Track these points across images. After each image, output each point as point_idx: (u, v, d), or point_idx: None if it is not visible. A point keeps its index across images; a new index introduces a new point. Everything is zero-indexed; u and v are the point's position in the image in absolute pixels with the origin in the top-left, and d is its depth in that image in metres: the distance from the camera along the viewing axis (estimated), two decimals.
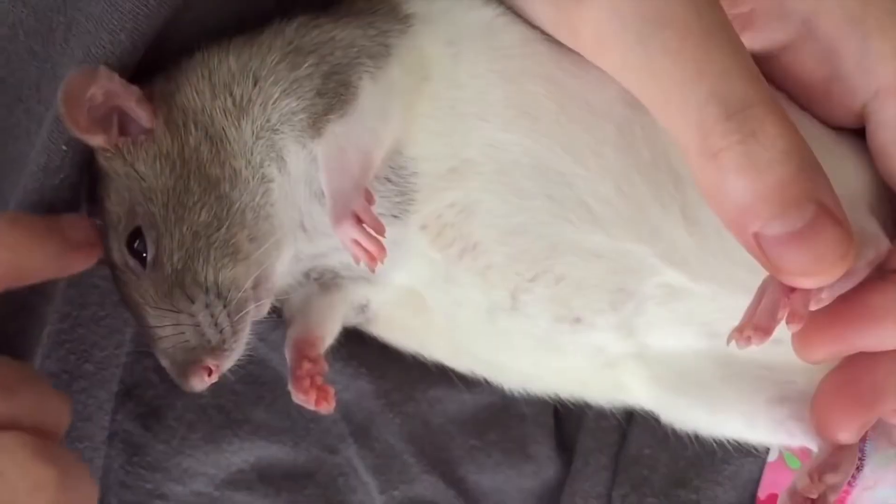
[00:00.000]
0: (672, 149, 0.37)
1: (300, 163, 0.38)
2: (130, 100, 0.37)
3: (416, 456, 0.47)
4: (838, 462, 0.38)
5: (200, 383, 0.37)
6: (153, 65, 0.39)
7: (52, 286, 0.39)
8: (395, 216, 0.39)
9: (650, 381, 0.41)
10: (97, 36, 0.36)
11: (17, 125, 0.40)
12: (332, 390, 0.39)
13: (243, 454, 0.46)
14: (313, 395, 0.38)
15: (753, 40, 0.38)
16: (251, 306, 0.38)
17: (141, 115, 0.37)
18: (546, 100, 0.38)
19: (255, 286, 0.38)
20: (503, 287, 0.39)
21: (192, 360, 0.37)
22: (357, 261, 0.37)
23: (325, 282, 0.42)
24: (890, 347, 0.36)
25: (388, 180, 0.39)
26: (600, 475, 0.47)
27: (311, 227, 0.40)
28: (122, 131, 0.38)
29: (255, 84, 0.38)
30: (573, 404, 0.45)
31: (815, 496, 0.37)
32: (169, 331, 0.37)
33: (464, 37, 0.39)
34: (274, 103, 0.38)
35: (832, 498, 0.38)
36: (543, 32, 0.39)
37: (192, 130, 0.38)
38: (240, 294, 0.37)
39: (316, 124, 0.38)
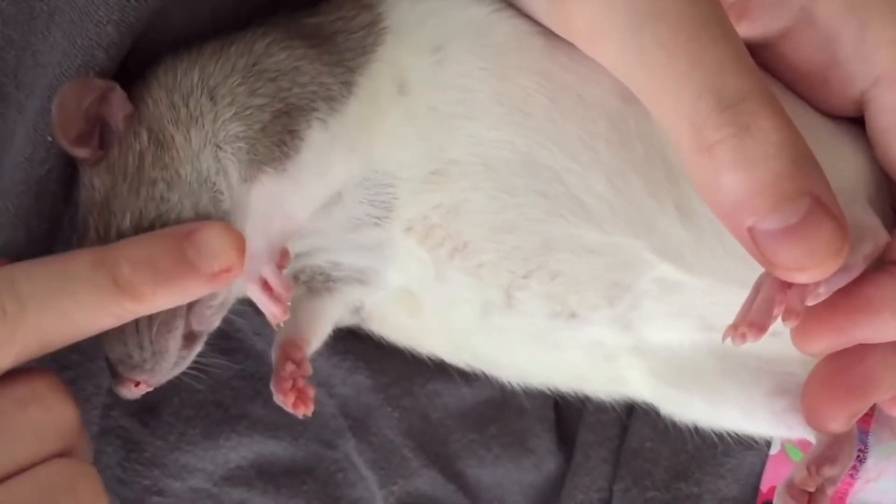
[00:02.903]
0: (666, 142, 0.37)
1: (237, 185, 0.38)
2: (120, 116, 0.37)
3: (415, 450, 0.47)
4: (836, 455, 0.38)
5: (128, 393, 0.38)
6: (143, 57, 0.39)
7: None
8: (376, 222, 0.39)
9: (648, 374, 0.41)
10: (83, 26, 0.36)
11: None
12: (312, 393, 0.39)
13: (241, 450, 0.46)
14: (292, 397, 0.38)
15: (751, 29, 0.38)
16: (178, 326, 0.37)
17: (121, 130, 0.37)
18: (538, 95, 0.38)
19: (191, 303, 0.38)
20: (497, 285, 0.39)
21: (118, 372, 0.38)
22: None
23: (314, 286, 0.42)
24: (887, 339, 0.35)
25: (363, 189, 0.39)
26: (601, 469, 0.47)
27: None
28: (101, 143, 0.38)
29: (211, 99, 0.38)
30: (573, 398, 0.45)
31: (812, 489, 0.37)
32: (111, 333, 0.37)
33: (452, 38, 0.39)
34: (224, 123, 0.38)
35: (830, 491, 0.37)
36: (539, 25, 0.38)
37: (144, 139, 0.38)
38: (168, 311, 0.37)
39: (251, 168, 0.38)
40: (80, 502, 0.35)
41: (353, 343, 0.45)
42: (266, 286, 0.37)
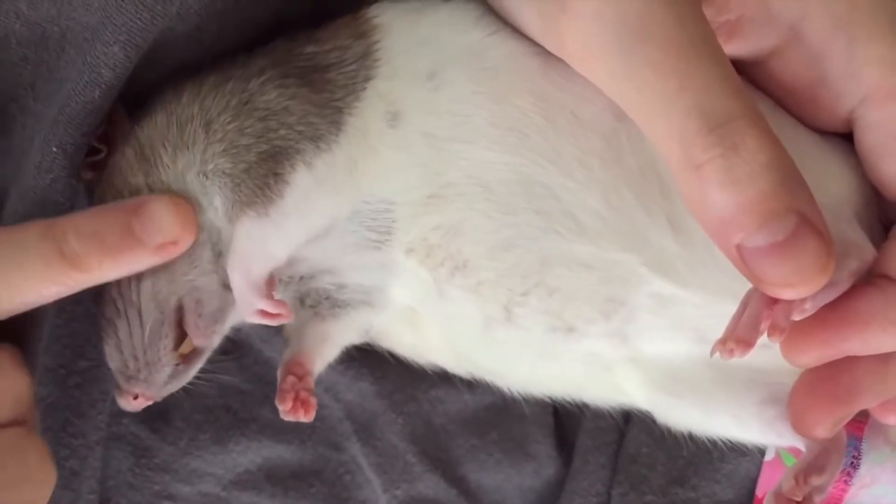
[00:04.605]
0: (658, 158, 0.38)
1: (221, 218, 0.39)
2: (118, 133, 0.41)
3: (418, 455, 0.48)
4: (824, 464, 0.38)
5: (128, 405, 0.39)
6: (150, 75, 0.40)
7: None
8: (376, 246, 0.40)
9: (644, 384, 0.42)
10: (92, 45, 0.37)
11: (12, 121, 0.41)
12: (314, 402, 0.39)
13: (250, 454, 0.47)
14: (289, 403, 0.39)
15: (740, 47, 0.38)
16: (166, 334, 0.39)
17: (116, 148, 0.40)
18: (533, 114, 0.38)
19: (182, 311, 0.39)
20: (496, 302, 0.40)
21: (118, 384, 0.39)
22: None
23: (321, 311, 0.42)
24: (875, 352, 0.36)
25: (355, 219, 0.40)
26: (599, 474, 0.47)
27: None
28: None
29: (205, 132, 0.39)
30: (572, 405, 0.45)
31: (799, 498, 0.38)
32: (111, 343, 0.39)
33: (447, 63, 0.39)
34: (213, 156, 0.39)
35: (818, 499, 0.38)
36: (535, 45, 0.39)
37: (131, 155, 0.40)
38: (158, 317, 0.38)
39: (234, 208, 0.38)
40: (28, 467, 0.36)
41: (357, 350, 0.46)
42: (265, 313, 0.38)
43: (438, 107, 0.39)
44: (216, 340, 0.41)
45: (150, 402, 0.39)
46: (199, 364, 0.41)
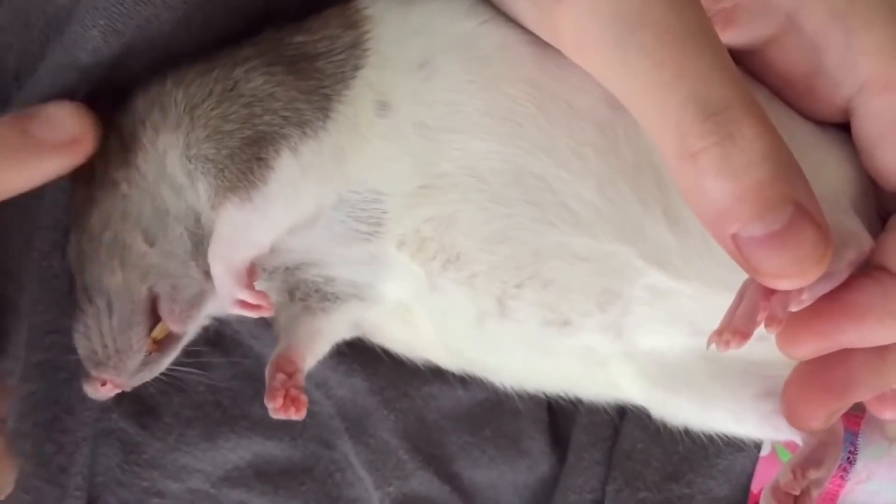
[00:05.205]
0: (654, 150, 0.37)
1: (204, 203, 0.39)
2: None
3: (410, 452, 0.47)
4: (822, 458, 0.38)
5: (95, 392, 0.39)
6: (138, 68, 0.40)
7: (24, 277, 0.40)
8: (366, 238, 0.39)
9: (640, 379, 0.41)
10: (71, 29, 0.37)
11: None
12: (304, 399, 0.39)
13: (240, 451, 0.46)
14: (280, 401, 0.38)
15: (737, 36, 0.38)
16: (138, 322, 0.39)
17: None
18: (526, 103, 0.38)
19: (155, 298, 0.39)
20: (490, 294, 0.39)
21: (86, 371, 0.39)
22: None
23: (310, 304, 0.42)
24: (872, 344, 0.36)
25: (343, 209, 0.39)
26: (594, 470, 0.47)
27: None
28: None
29: (189, 118, 0.39)
30: (567, 400, 0.45)
31: (797, 492, 0.37)
32: (80, 330, 0.39)
33: (439, 53, 0.39)
34: (197, 141, 0.38)
35: (815, 493, 0.38)
36: (529, 34, 0.38)
37: (112, 141, 0.39)
38: (127, 305, 0.38)
39: (217, 194, 0.38)
40: None
41: (349, 346, 0.46)
42: (244, 304, 0.38)
43: (430, 96, 0.38)
44: (192, 327, 0.40)
45: (118, 391, 0.39)
46: (173, 352, 0.40)
